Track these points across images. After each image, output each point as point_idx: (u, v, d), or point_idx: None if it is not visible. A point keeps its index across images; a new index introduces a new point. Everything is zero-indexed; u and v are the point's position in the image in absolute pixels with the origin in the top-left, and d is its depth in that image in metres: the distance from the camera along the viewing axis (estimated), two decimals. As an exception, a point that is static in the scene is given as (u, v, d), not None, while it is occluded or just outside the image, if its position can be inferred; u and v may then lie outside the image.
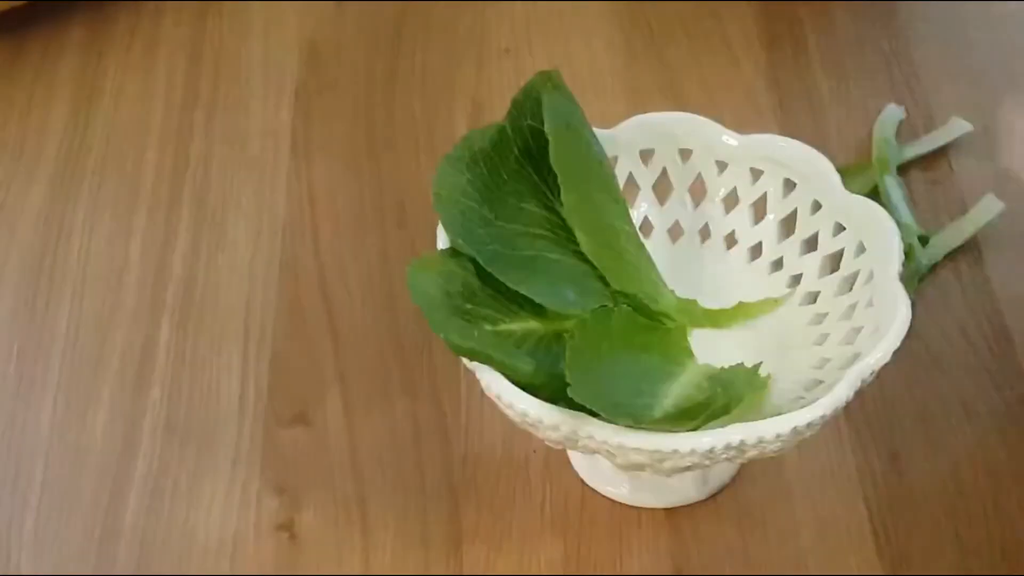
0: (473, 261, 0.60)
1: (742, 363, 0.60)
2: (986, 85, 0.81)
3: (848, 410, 0.60)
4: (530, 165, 0.63)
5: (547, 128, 0.61)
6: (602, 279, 0.62)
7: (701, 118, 0.67)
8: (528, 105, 0.63)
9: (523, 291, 0.60)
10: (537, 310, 0.60)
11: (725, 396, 0.56)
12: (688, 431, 0.55)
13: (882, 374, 0.58)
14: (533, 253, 0.62)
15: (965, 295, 0.71)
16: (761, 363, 0.60)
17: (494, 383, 0.57)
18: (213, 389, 0.68)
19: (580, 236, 0.62)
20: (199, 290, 0.72)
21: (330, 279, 0.73)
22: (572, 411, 0.56)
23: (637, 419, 0.55)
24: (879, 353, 0.58)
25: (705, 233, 0.68)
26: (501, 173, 0.62)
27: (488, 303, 0.60)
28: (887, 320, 0.59)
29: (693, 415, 0.56)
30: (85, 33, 0.86)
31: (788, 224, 0.66)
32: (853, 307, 0.63)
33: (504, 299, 0.60)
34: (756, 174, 0.67)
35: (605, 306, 0.60)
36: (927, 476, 0.64)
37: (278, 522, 0.63)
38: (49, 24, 0.87)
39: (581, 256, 0.62)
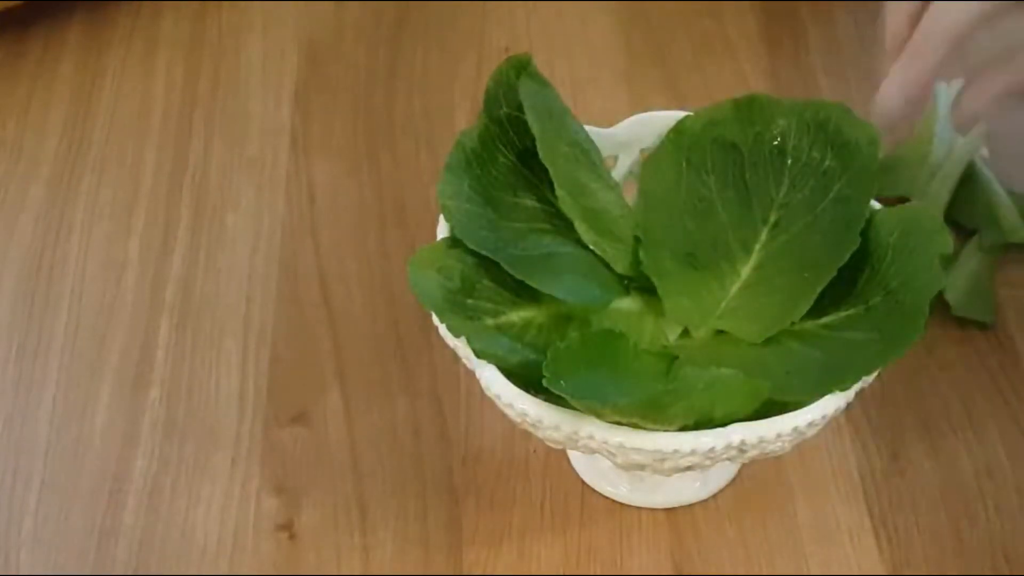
0: (470, 252, 0.60)
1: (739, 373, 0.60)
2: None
3: (848, 410, 0.60)
4: (516, 157, 0.63)
5: (530, 121, 0.61)
6: (607, 265, 0.62)
7: (701, 117, 0.67)
8: (502, 93, 0.62)
9: (553, 292, 0.60)
10: (533, 296, 0.60)
11: (723, 406, 0.56)
12: (676, 429, 0.55)
13: (882, 374, 0.58)
14: (545, 251, 0.62)
15: (965, 295, 0.71)
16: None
17: (494, 383, 0.57)
18: (212, 388, 0.68)
19: (578, 226, 0.62)
20: (198, 289, 0.72)
21: (330, 278, 0.73)
22: (572, 411, 0.56)
23: (601, 404, 0.55)
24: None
25: (705, 232, 0.68)
26: (491, 170, 0.62)
27: (487, 295, 0.60)
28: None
29: (663, 407, 0.55)
30: (84, 32, 0.86)
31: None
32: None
33: (501, 288, 0.60)
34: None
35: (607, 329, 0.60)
36: (927, 476, 0.64)
37: (278, 522, 0.63)
38: (48, 23, 0.87)
39: (583, 244, 0.62)
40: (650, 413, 0.55)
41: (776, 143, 0.62)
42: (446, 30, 0.86)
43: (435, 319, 0.58)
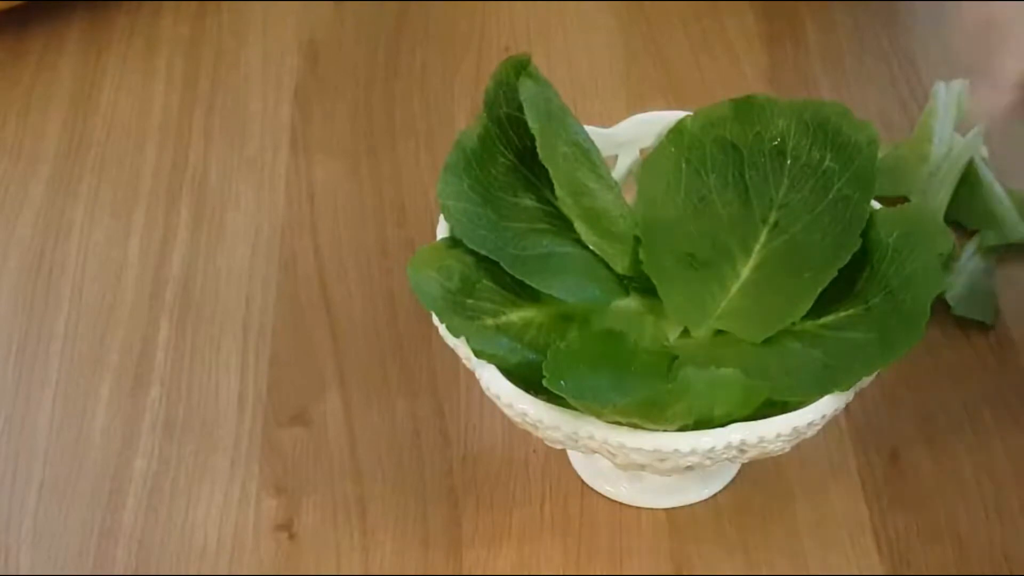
0: (470, 252, 0.60)
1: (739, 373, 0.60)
2: (986, 83, 0.81)
3: (848, 410, 0.60)
4: (516, 157, 0.63)
5: (530, 121, 0.61)
6: (607, 265, 0.62)
7: (701, 117, 0.67)
8: (501, 93, 0.62)
9: (553, 292, 0.60)
10: (533, 296, 0.60)
11: (723, 406, 0.56)
12: (676, 429, 0.55)
13: (882, 374, 0.58)
14: (544, 251, 0.62)
15: (965, 295, 0.71)
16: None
17: (494, 383, 0.57)
18: (212, 388, 0.68)
19: (578, 226, 0.62)
20: (198, 289, 0.72)
21: (329, 278, 0.73)
22: (572, 411, 0.56)
23: (601, 404, 0.55)
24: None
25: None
26: (491, 170, 0.62)
27: (486, 295, 0.60)
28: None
29: (663, 407, 0.55)
30: (84, 32, 0.86)
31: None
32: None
33: (501, 288, 0.60)
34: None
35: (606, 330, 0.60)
36: (927, 476, 0.64)
37: (277, 522, 0.63)
38: (48, 23, 0.87)
39: (583, 244, 0.62)
40: (650, 413, 0.55)
41: (776, 143, 0.62)
42: (446, 30, 0.86)
43: (435, 319, 0.58)
